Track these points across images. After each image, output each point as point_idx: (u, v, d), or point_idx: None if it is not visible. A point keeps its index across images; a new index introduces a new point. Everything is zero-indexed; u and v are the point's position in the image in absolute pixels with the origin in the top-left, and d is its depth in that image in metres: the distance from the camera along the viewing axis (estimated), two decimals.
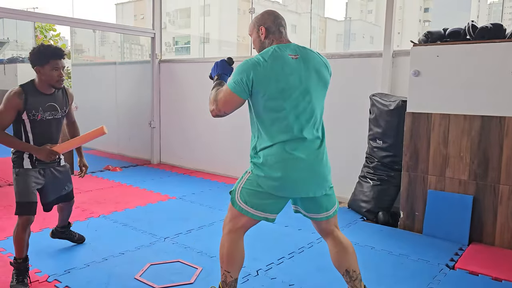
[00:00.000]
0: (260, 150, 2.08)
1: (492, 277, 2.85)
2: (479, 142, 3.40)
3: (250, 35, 2.26)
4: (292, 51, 2.10)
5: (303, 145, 2.10)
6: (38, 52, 2.60)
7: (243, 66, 2.03)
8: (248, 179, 2.12)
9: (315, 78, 2.19)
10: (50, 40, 8.06)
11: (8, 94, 2.59)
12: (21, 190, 2.68)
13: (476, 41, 3.40)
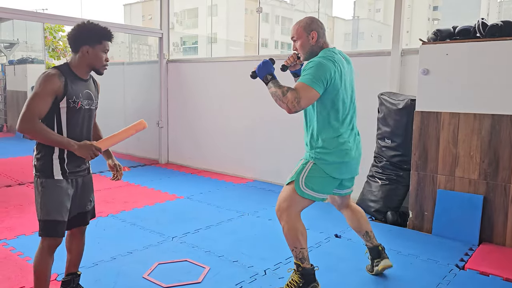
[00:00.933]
0: (325, 141, 2.43)
1: (503, 278, 2.81)
2: (490, 141, 3.36)
3: (296, 39, 2.53)
4: (340, 54, 2.52)
5: (352, 135, 2.58)
6: (90, 29, 2.17)
7: (328, 68, 2.33)
8: (312, 168, 2.45)
9: (352, 80, 2.61)
10: (59, 41, 8.13)
11: (45, 75, 2.10)
12: (52, 206, 2.14)
13: (486, 39, 3.36)
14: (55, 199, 2.14)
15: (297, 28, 2.51)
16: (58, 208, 2.15)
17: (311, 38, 2.46)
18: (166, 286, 2.63)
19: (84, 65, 2.20)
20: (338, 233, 3.60)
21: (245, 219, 3.95)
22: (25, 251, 3.11)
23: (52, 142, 2.10)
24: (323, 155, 2.43)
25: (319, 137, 2.45)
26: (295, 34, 2.52)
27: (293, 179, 2.47)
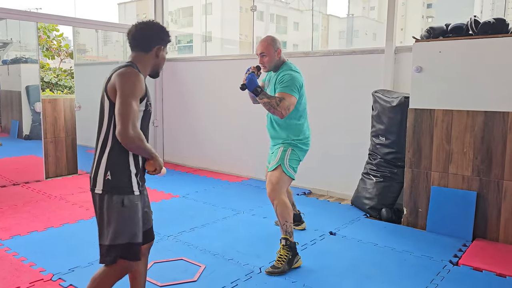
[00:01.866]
0: (300, 135, 3.06)
1: (496, 273, 2.84)
2: (483, 137, 3.39)
3: (265, 55, 3.00)
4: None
5: (309, 130, 3.21)
6: (162, 30, 2.04)
7: (299, 79, 2.96)
8: (291, 153, 3.02)
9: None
10: (53, 40, 8.07)
11: (134, 74, 1.86)
12: (133, 227, 1.89)
13: (478, 37, 3.38)
14: (136, 218, 1.89)
15: (266, 45, 2.99)
16: (139, 229, 1.91)
17: (276, 54, 3.01)
18: (162, 285, 2.64)
19: (150, 65, 2.03)
20: (333, 231, 3.62)
21: (240, 217, 3.96)
22: (20, 251, 3.11)
23: (145, 151, 1.86)
24: (300, 144, 3.06)
25: (295, 132, 3.05)
26: (265, 50, 2.99)
27: (279, 164, 2.97)
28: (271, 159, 3.07)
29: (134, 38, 1.99)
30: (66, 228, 3.63)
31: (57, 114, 5.55)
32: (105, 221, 1.87)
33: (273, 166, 2.98)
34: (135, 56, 2.00)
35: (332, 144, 4.80)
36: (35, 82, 5.39)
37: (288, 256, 2.84)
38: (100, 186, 1.86)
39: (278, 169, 2.95)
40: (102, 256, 1.89)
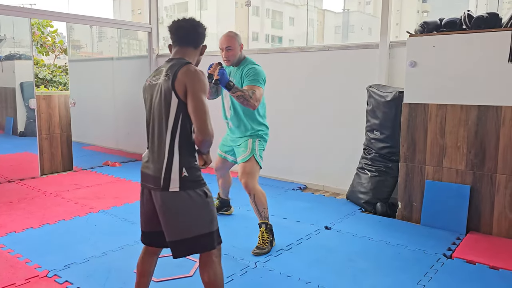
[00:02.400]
0: (264, 125, 3.28)
1: (490, 266, 2.87)
2: (476, 132, 3.41)
3: (231, 48, 3.12)
4: None
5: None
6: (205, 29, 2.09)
7: (263, 72, 3.14)
8: (259, 144, 3.24)
9: None
10: (47, 36, 8.02)
11: (200, 72, 1.90)
12: (215, 215, 1.99)
13: (472, 31, 3.39)
14: (214, 208, 2.01)
15: (232, 39, 3.14)
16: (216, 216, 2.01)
17: (240, 49, 3.17)
18: (158, 280, 2.65)
19: (194, 61, 2.05)
20: (328, 225, 3.63)
21: (235, 213, 3.97)
22: (15, 248, 3.10)
23: (210, 146, 1.93)
24: (264, 134, 3.28)
25: (260, 122, 3.26)
26: (231, 44, 3.12)
27: (252, 155, 3.17)
28: (240, 152, 3.23)
29: (188, 34, 2.00)
30: (62, 224, 3.63)
31: (51, 110, 5.53)
32: (183, 216, 1.88)
33: (246, 157, 3.17)
34: (184, 52, 2.00)
35: (327, 139, 4.81)
36: (29, 79, 5.37)
37: (269, 238, 3.12)
38: (177, 184, 1.86)
39: (252, 160, 3.16)
40: (192, 248, 1.92)
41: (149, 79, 2.00)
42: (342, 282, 2.65)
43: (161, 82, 1.90)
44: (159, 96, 1.90)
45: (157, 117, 1.91)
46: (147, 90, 2.00)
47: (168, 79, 1.87)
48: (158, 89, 1.91)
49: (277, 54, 5.23)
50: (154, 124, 1.93)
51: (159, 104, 1.90)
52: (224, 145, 3.51)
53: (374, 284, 2.63)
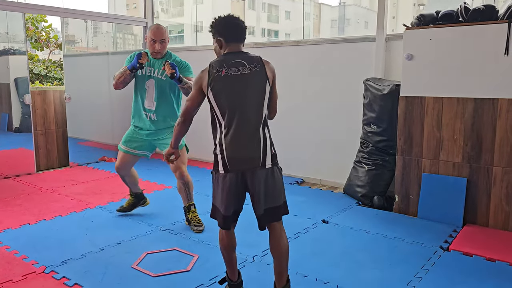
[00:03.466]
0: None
1: (486, 258, 2.88)
2: (472, 124, 3.41)
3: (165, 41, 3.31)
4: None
5: None
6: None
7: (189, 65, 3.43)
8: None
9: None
10: (41, 31, 7.96)
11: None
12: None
13: (468, 23, 3.39)
14: None
15: (166, 33, 3.28)
16: None
17: (168, 42, 3.35)
18: (155, 275, 2.65)
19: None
20: (326, 219, 3.64)
21: None
22: (12, 244, 3.09)
23: None
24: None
25: (178, 112, 3.38)
26: (165, 37, 3.28)
27: (184, 145, 3.34)
28: (168, 144, 3.22)
29: (244, 31, 2.22)
30: (58, 220, 3.62)
31: (46, 106, 5.50)
32: (277, 187, 2.19)
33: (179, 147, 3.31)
34: (240, 46, 2.22)
35: (324, 132, 4.81)
36: (24, 74, 5.33)
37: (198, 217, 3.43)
38: (270, 161, 2.16)
39: (183, 149, 3.34)
40: (281, 213, 2.22)
41: (224, 70, 2.10)
42: (339, 275, 2.66)
43: (250, 73, 2.12)
44: (252, 85, 2.12)
45: (250, 104, 2.11)
46: (228, 79, 2.10)
47: (260, 70, 2.13)
48: (250, 79, 2.12)
49: (273, 48, 5.21)
50: (243, 110, 2.10)
51: (253, 92, 2.12)
52: (133, 141, 3.44)
53: (372, 277, 2.64)
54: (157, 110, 3.34)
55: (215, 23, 2.20)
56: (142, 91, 3.36)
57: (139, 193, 3.77)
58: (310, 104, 4.86)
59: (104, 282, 2.56)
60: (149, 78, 3.32)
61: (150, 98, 3.33)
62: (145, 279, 2.61)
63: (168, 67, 3.06)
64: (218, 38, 2.19)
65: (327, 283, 2.56)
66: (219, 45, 2.20)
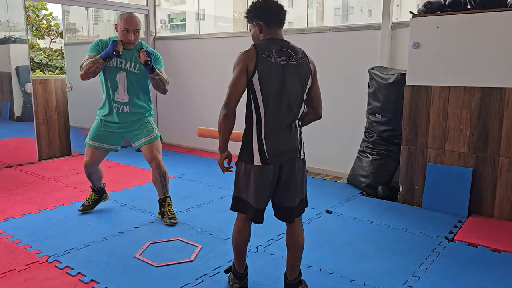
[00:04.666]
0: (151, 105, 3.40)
1: (491, 249, 2.86)
2: (479, 114, 3.36)
3: (139, 31, 3.16)
4: None
5: None
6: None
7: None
8: (153, 122, 3.38)
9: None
10: (42, 20, 7.89)
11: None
12: None
13: (476, 11, 3.32)
14: None
15: (139, 23, 3.15)
16: None
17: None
18: (158, 265, 2.64)
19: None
20: (329, 209, 3.62)
21: None
22: (15, 234, 3.08)
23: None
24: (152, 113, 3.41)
25: (150, 102, 3.37)
26: (139, 27, 3.15)
27: (158, 134, 3.32)
28: (142, 134, 3.26)
29: (285, 15, 2.14)
30: (61, 210, 3.61)
31: (48, 95, 5.46)
32: (305, 178, 2.22)
33: (153, 137, 3.28)
34: (280, 32, 2.14)
35: (327, 122, 4.75)
36: (25, 63, 5.28)
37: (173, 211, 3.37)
38: (303, 153, 2.16)
39: (158, 138, 3.31)
40: (305, 205, 2.27)
41: (274, 57, 2.01)
42: (343, 265, 2.65)
43: (297, 64, 2.05)
44: (299, 78, 2.06)
45: (294, 95, 2.05)
46: (276, 67, 2.01)
47: (305, 62, 2.08)
48: (296, 70, 2.05)
49: None
50: (289, 101, 2.04)
51: (297, 84, 2.06)
52: (101, 135, 3.28)
53: (376, 267, 2.62)
54: (130, 103, 3.23)
55: (254, 7, 2.10)
56: (113, 83, 3.19)
57: (102, 188, 3.63)
58: None
59: (107, 272, 2.56)
60: (120, 70, 3.16)
61: (122, 91, 3.19)
62: (148, 269, 2.60)
63: (143, 54, 2.97)
64: (258, 22, 2.09)
65: (331, 274, 2.55)
66: (259, 29, 2.10)
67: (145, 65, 2.98)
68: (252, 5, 2.11)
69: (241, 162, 2.11)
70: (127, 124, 3.28)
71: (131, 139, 3.33)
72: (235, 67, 2.03)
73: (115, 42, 2.99)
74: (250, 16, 2.12)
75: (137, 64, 3.17)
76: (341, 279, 2.49)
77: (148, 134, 3.26)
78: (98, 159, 3.35)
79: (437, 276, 2.52)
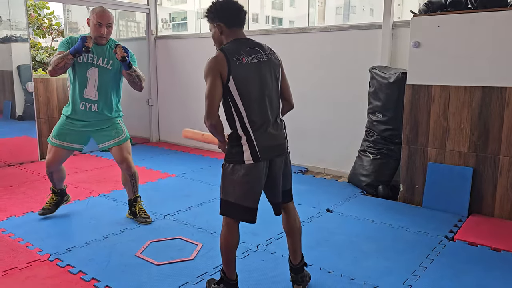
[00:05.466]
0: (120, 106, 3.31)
1: (491, 248, 2.86)
2: (480, 113, 3.36)
3: (111, 25, 3.06)
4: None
5: None
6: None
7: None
8: (123, 122, 3.31)
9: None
10: (44, 19, 7.90)
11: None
12: None
13: (477, 10, 3.32)
14: None
15: (112, 17, 3.06)
16: None
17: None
18: (159, 264, 2.64)
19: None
20: (330, 208, 3.62)
21: None
22: (16, 232, 3.10)
23: None
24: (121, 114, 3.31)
25: (119, 103, 3.27)
26: (112, 21, 3.06)
27: (127, 136, 3.25)
28: (111, 135, 3.17)
29: (245, 15, 2.15)
30: (62, 208, 3.61)
31: (49, 94, 5.48)
32: (291, 168, 2.30)
33: (123, 139, 3.21)
34: (242, 32, 2.16)
35: (328, 121, 4.77)
36: (27, 62, 5.29)
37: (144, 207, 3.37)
38: (288, 145, 2.24)
39: (128, 140, 3.25)
40: (292, 191, 2.33)
41: (244, 58, 2.01)
42: (343, 264, 2.65)
43: (267, 60, 2.09)
44: (272, 73, 2.10)
45: (273, 91, 2.11)
46: (249, 68, 2.01)
47: (275, 58, 2.14)
48: (268, 66, 2.09)
49: (278, 35, 5.15)
50: (269, 97, 2.09)
51: (272, 80, 2.10)
52: (66, 133, 3.15)
53: (376, 266, 2.63)
54: (99, 101, 3.11)
55: (214, 8, 2.08)
56: (82, 79, 3.06)
57: (64, 190, 3.46)
58: (314, 92, 4.81)
59: (108, 270, 2.57)
60: (91, 66, 3.05)
61: (92, 88, 3.07)
62: (149, 267, 2.61)
63: (120, 49, 2.91)
64: (218, 23, 2.07)
65: (331, 272, 2.55)
66: (220, 30, 2.09)
67: (122, 60, 2.92)
68: (212, 6, 2.09)
69: (228, 164, 2.10)
70: (94, 123, 3.16)
71: (98, 139, 3.22)
72: (207, 76, 1.99)
73: (84, 38, 2.89)
74: (210, 16, 2.10)
75: (110, 60, 3.08)
76: (341, 278, 2.49)
77: (117, 135, 3.19)
78: (61, 158, 3.20)
79: (437, 275, 2.52)
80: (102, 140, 3.20)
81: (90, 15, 3.03)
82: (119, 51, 2.92)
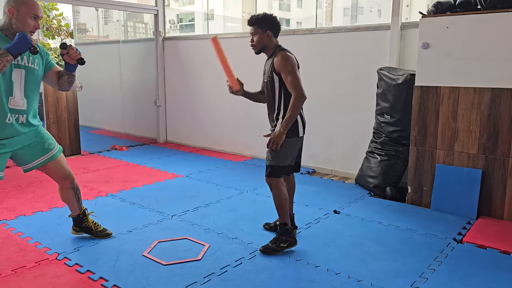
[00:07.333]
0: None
1: (501, 250, 2.83)
2: (489, 115, 3.34)
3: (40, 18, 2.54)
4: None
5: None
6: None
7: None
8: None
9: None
10: (53, 20, 7.97)
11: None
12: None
13: (487, 11, 3.29)
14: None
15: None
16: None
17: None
18: (166, 264, 2.65)
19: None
20: (337, 209, 3.61)
21: (244, 197, 3.96)
22: (25, 231, 3.12)
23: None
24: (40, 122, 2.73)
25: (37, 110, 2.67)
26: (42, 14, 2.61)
27: (60, 146, 2.83)
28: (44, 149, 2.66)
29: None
30: None
31: (58, 94, 5.52)
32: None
33: (57, 151, 2.75)
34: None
35: (336, 122, 4.76)
36: None
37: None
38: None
39: (61, 151, 2.82)
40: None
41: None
42: (351, 265, 2.64)
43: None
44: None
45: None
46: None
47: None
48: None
49: (286, 36, 5.14)
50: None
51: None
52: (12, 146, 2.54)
53: (384, 268, 2.62)
54: (28, 110, 2.52)
55: (270, 18, 2.76)
56: (7, 85, 2.40)
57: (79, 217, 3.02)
58: (322, 93, 4.80)
59: (115, 270, 2.58)
60: (16, 67, 2.41)
61: (19, 95, 2.45)
62: (156, 267, 2.62)
63: (75, 51, 2.47)
64: (269, 31, 2.75)
65: (339, 274, 2.54)
66: (268, 36, 2.76)
67: (80, 63, 2.51)
68: (268, 16, 2.76)
69: (287, 138, 2.67)
70: (19, 139, 2.53)
71: (24, 157, 2.62)
72: (293, 66, 2.67)
73: (26, 36, 2.27)
74: (264, 24, 2.74)
75: (36, 59, 2.50)
76: (348, 279, 2.48)
77: (51, 147, 2.70)
78: None
79: (445, 278, 2.50)
80: (32, 158, 2.63)
81: (18, 5, 2.38)
82: (73, 52, 2.46)
